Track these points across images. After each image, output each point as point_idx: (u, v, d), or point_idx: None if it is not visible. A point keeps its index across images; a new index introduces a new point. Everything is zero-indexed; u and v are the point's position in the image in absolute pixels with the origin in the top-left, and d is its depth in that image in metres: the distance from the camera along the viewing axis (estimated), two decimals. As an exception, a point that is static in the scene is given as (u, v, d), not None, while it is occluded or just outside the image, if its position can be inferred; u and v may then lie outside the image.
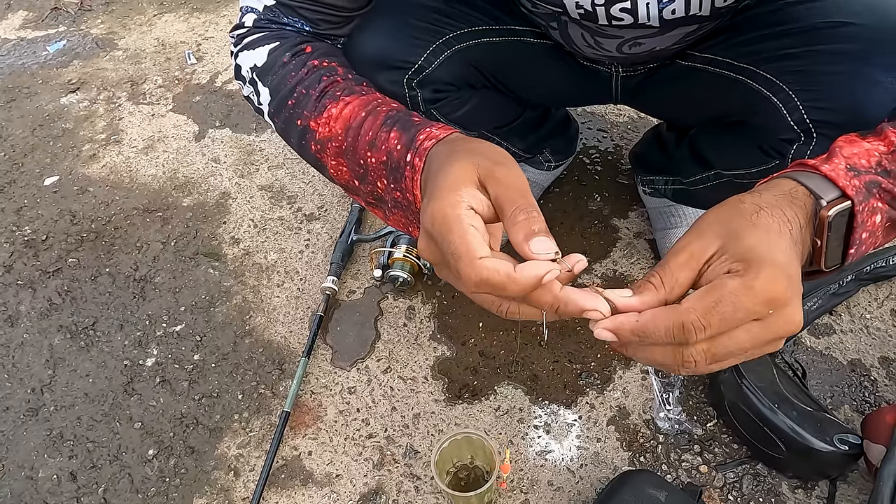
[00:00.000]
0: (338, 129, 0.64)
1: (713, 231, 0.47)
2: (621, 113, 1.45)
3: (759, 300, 0.43)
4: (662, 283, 0.46)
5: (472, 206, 0.48)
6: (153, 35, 1.84)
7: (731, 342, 0.44)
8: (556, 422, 1.01)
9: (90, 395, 1.11)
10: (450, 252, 0.46)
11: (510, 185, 0.48)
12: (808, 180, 0.51)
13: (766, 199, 0.49)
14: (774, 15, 0.79)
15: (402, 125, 0.60)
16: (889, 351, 1.04)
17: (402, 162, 0.58)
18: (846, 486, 0.91)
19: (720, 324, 0.43)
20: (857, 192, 0.50)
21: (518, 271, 0.45)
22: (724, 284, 0.43)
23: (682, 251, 0.47)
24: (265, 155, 1.46)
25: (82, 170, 1.48)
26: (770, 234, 0.46)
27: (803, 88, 0.75)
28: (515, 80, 0.98)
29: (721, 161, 0.95)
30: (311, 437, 1.03)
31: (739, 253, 0.45)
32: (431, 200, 0.49)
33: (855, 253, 0.53)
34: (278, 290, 1.22)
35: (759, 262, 0.44)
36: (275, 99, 0.69)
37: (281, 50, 0.69)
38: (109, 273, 1.27)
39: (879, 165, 0.51)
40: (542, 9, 0.79)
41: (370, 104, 0.63)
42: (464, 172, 0.49)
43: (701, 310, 0.43)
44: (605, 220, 1.26)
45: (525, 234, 0.46)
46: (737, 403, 0.93)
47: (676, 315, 0.43)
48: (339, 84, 0.66)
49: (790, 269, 0.45)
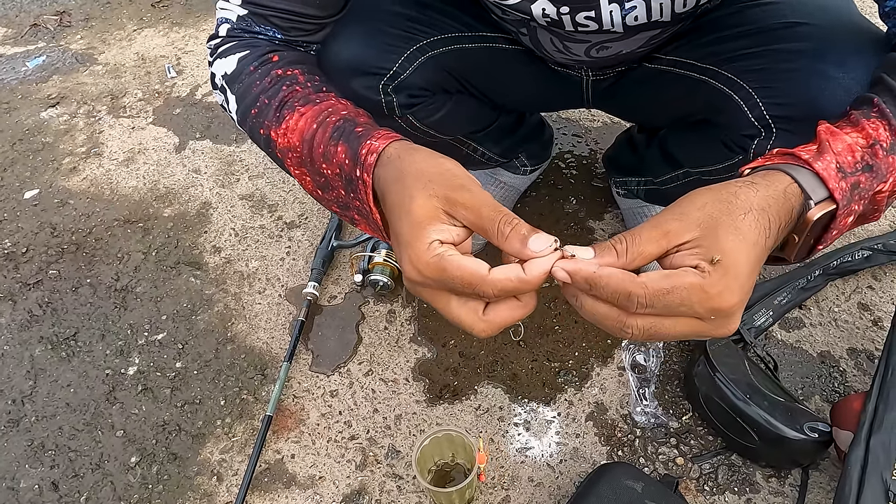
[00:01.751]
0: (295, 140, 0.65)
1: (697, 217, 0.48)
2: (595, 118, 1.48)
3: (707, 305, 0.45)
4: (626, 250, 0.47)
5: (442, 240, 0.50)
6: (133, 49, 1.85)
7: (667, 329, 0.47)
8: (535, 419, 1.03)
9: (72, 404, 1.11)
10: (457, 286, 0.49)
11: (479, 205, 0.50)
12: (801, 178, 0.52)
13: (759, 200, 0.49)
14: (733, 17, 0.83)
15: (346, 138, 0.60)
16: (857, 342, 1.07)
17: (353, 176, 0.59)
18: (818, 474, 0.93)
19: (662, 309, 0.45)
20: (843, 196, 0.52)
21: (528, 272, 0.48)
22: (683, 278, 0.45)
23: (658, 227, 0.48)
24: (246, 165, 1.48)
25: (62, 183, 1.48)
26: (746, 244, 0.47)
27: (762, 86, 0.78)
28: (489, 86, 1.00)
29: (689, 159, 0.98)
30: (293, 441, 1.03)
31: (712, 252, 0.46)
32: (405, 250, 0.51)
33: (822, 248, 0.55)
34: (260, 296, 1.23)
35: (724, 270, 0.45)
36: (240, 107, 0.71)
37: (249, 58, 0.70)
38: (90, 284, 1.27)
39: (863, 160, 0.53)
40: (512, 16, 0.82)
41: (321, 115, 0.64)
42: (425, 211, 0.50)
43: (651, 290, 0.45)
44: (581, 222, 1.29)
45: (520, 241, 0.48)
46: (711, 396, 0.95)
47: (628, 284, 0.45)
48: (297, 94, 0.67)
49: (747, 284, 0.47)
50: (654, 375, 1.04)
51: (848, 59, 0.71)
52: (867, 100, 0.57)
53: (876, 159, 0.53)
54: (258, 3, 0.70)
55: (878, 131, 0.54)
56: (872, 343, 1.07)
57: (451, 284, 0.49)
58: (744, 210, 0.48)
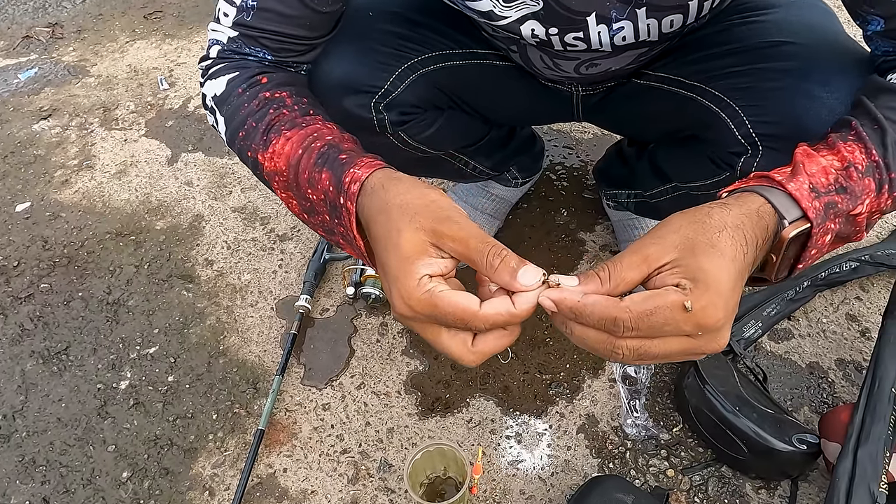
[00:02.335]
0: (281, 165, 0.65)
1: (673, 240, 0.49)
2: (586, 130, 1.49)
3: (691, 322, 0.46)
4: (609, 277, 0.49)
5: (431, 273, 0.51)
6: (125, 61, 1.86)
7: (658, 349, 0.48)
8: (527, 431, 1.03)
9: (63, 419, 1.10)
10: (449, 321, 0.50)
11: (467, 236, 0.51)
12: (774, 198, 0.53)
13: (733, 218, 0.51)
14: (721, 35, 0.84)
15: (330, 165, 0.61)
16: (845, 353, 1.08)
17: (337, 203, 0.60)
18: (807, 485, 0.94)
19: (648, 330, 0.46)
20: (817, 214, 0.53)
21: (517, 306, 0.49)
22: (665, 297, 0.46)
23: (637, 253, 0.49)
24: (238, 177, 1.48)
25: (54, 196, 1.48)
26: (724, 260, 0.48)
27: (749, 104, 0.79)
28: (480, 102, 1.01)
29: (677, 174, 0.99)
30: (285, 455, 1.03)
31: (691, 271, 0.47)
32: (394, 286, 0.51)
33: (802, 267, 0.56)
34: (252, 309, 1.23)
35: (705, 287, 0.46)
36: (229, 129, 0.71)
37: (238, 80, 0.71)
38: (82, 297, 1.27)
39: (836, 182, 0.54)
40: (502, 34, 0.83)
41: (306, 140, 0.64)
42: (413, 245, 0.51)
43: (636, 313, 0.46)
44: (572, 234, 1.30)
45: (509, 274, 0.50)
46: (700, 408, 0.96)
47: (613, 309, 0.47)
48: (284, 117, 0.67)
49: (731, 299, 0.48)
50: (645, 387, 1.05)
51: (832, 79, 0.72)
52: (846, 123, 0.59)
53: (850, 181, 0.54)
54: (248, 24, 0.71)
55: (853, 154, 0.55)
56: (860, 354, 1.08)
57: (443, 319, 0.50)
58: (718, 229, 0.49)
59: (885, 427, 0.83)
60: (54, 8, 2.09)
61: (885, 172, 0.55)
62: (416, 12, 0.90)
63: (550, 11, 0.73)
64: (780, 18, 0.81)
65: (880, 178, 0.55)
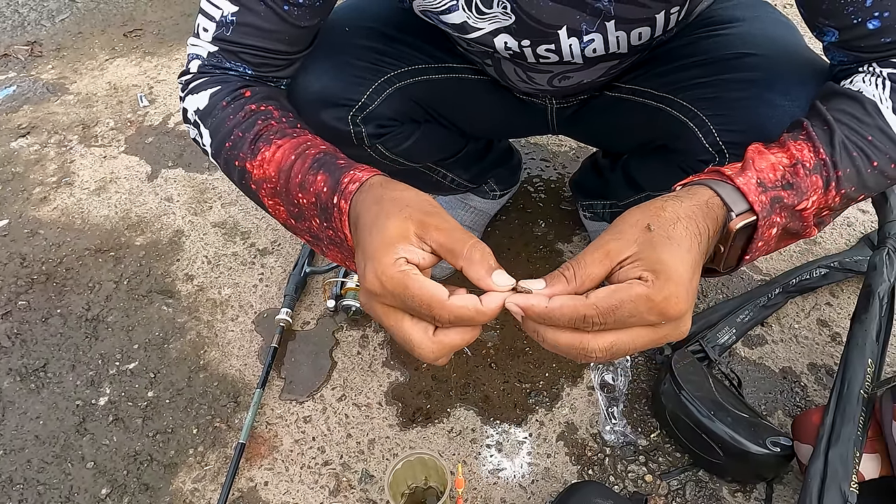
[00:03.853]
0: (271, 171, 0.66)
1: (632, 234, 0.51)
2: (562, 143, 1.51)
3: (655, 312, 0.48)
4: (575, 276, 0.50)
5: (410, 259, 0.52)
6: (105, 79, 1.86)
7: (627, 344, 0.49)
8: (507, 440, 1.04)
9: (41, 437, 1.09)
10: (416, 305, 0.50)
11: (451, 230, 0.52)
12: (723, 191, 0.56)
13: (685, 210, 0.53)
14: (688, 48, 0.87)
15: (327, 168, 0.62)
16: (817, 357, 1.10)
17: (329, 204, 0.61)
18: (782, 487, 0.96)
19: (615, 323, 0.48)
20: (763, 208, 0.55)
21: (485, 304, 0.50)
22: (630, 290, 0.48)
23: (599, 249, 0.51)
24: (218, 193, 1.48)
25: (32, 212, 1.47)
26: (681, 250, 0.50)
27: (715, 113, 0.82)
28: (456, 115, 1.03)
29: (649, 183, 1.01)
30: (266, 468, 1.03)
31: (651, 263, 0.49)
32: (370, 262, 0.52)
33: (749, 258, 0.59)
34: (232, 324, 1.23)
35: (666, 277, 0.48)
36: (214, 140, 0.72)
37: (221, 94, 0.72)
38: (61, 314, 1.27)
39: (783, 178, 0.57)
40: (476, 48, 0.85)
41: (299, 147, 0.66)
42: (398, 229, 0.52)
43: (602, 308, 0.47)
44: (550, 245, 1.31)
45: (486, 270, 0.51)
46: (677, 413, 0.97)
47: (580, 307, 0.48)
48: (272, 127, 0.69)
49: (690, 286, 0.49)
50: (623, 394, 1.07)
51: (793, 89, 0.75)
52: (798, 123, 0.62)
53: (797, 177, 0.57)
54: (228, 39, 0.72)
55: (802, 152, 0.58)
56: (831, 358, 1.10)
57: (409, 303, 0.51)
58: (672, 221, 0.51)
59: (855, 428, 0.85)
60: (33, 26, 2.09)
61: (832, 170, 0.58)
62: (392, 28, 0.91)
63: (522, 25, 0.75)
64: (743, 31, 0.83)
65: (827, 176, 0.58)
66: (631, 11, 0.72)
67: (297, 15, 0.72)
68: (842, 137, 0.59)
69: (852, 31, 0.63)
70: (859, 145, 0.59)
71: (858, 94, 0.62)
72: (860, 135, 0.60)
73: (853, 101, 0.62)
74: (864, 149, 0.59)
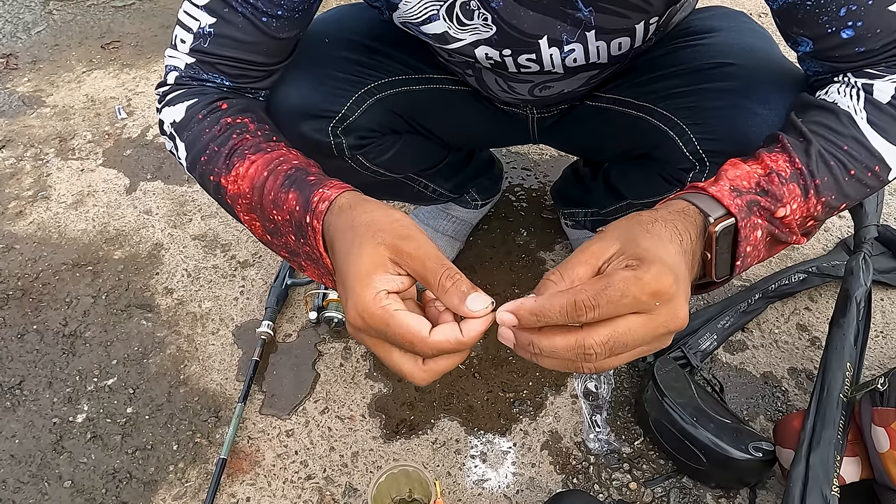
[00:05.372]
0: (245, 187, 0.66)
1: (614, 235, 0.52)
2: (543, 152, 1.52)
3: (646, 291, 0.47)
4: (562, 277, 0.50)
5: (389, 289, 0.52)
6: (82, 91, 1.84)
7: (626, 334, 0.47)
8: (491, 450, 1.04)
9: (16, 456, 1.07)
10: (398, 342, 0.51)
11: (425, 256, 0.52)
12: (697, 200, 0.57)
13: (662, 215, 0.55)
14: (666, 58, 0.88)
15: (297, 185, 0.62)
16: (797, 362, 1.11)
17: (303, 223, 0.60)
18: (765, 493, 0.96)
19: (608, 305, 0.46)
20: (740, 210, 0.56)
21: (465, 334, 0.50)
22: (616, 272, 0.48)
23: (584, 251, 0.52)
24: (198, 205, 1.47)
25: (7, 227, 1.45)
26: (662, 240, 0.52)
27: (694, 122, 0.83)
28: (437, 125, 1.03)
29: (630, 191, 1.02)
30: (248, 483, 1.02)
31: (635, 253, 0.50)
32: (351, 297, 0.52)
33: (741, 265, 0.59)
34: (213, 337, 1.22)
35: (651, 260, 0.48)
36: (190, 154, 0.71)
37: (198, 106, 0.71)
38: (37, 330, 1.24)
39: (758, 185, 0.58)
40: (457, 58, 0.85)
41: (272, 163, 0.65)
42: (373, 259, 0.52)
43: (591, 291, 0.46)
44: (532, 254, 1.32)
45: (459, 298, 0.50)
46: (660, 420, 0.97)
47: (569, 294, 0.47)
48: (247, 142, 0.68)
49: (677, 269, 0.50)
50: (606, 402, 1.07)
51: (770, 97, 0.76)
52: (774, 137, 0.63)
53: (772, 185, 0.58)
54: (206, 51, 0.71)
55: (776, 163, 0.59)
56: (811, 362, 1.11)
57: (392, 339, 0.51)
58: (650, 221, 0.53)
59: (835, 432, 0.85)
60: (8, 39, 2.07)
61: (808, 179, 0.59)
62: (373, 39, 0.92)
63: (503, 35, 0.75)
64: (721, 42, 0.85)
65: (805, 184, 0.59)
66: (611, 22, 0.73)
67: (275, 27, 0.72)
68: (818, 148, 0.60)
69: (826, 40, 0.64)
70: (836, 155, 0.60)
71: (833, 106, 0.63)
72: (836, 145, 0.61)
73: (828, 113, 0.63)
74: (841, 158, 0.61)
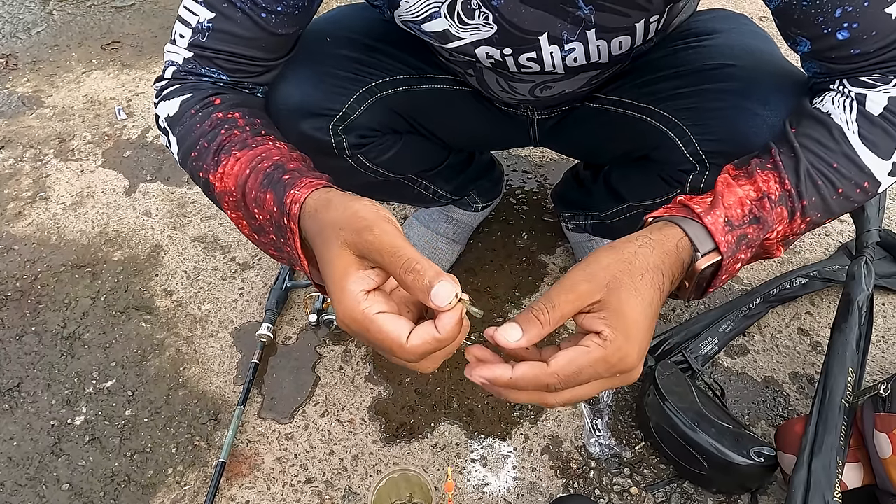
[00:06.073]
0: (230, 185, 0.66)
1: (602, 279, 0.54)
2: (544, 155, 1.52)
3: (610, 370, 0.53)
4: (549, 319, 0.53)
5: (365, 289, 0.52)
6: (82, 92, 1.83)
7: (584, 395, 0.54)
8: (492, 454, 1.03)
9: (14, 458, 1.07)
10: (379, 347, 0.52)
11: (382, 250, 0.51)
12: (691, 230, 0.59)
13: (655, 259, 0.56)
14: (667, 59, 0.87)
15: (273, 185, 0.62)
16: (798, 367, 1.11)
17: (281, 224, 0.61)
18: (766, 498, 0.96)
19: (575, 384, 0.53)
20: (728, 248, 0.58)
21: (441, 330, 0.51)
22: (588, 355, 0.52)
23: (572, 291, 0.54)
24: (198, 207, 1.47)
25: (6, 228, 1.45)
26: (643, 305, 0.54)
27: (695, 123, 0.82)
28: (438, 126, 1.03)
29: (631, 193, 1.01)
30: (247, 487, 1.01)
31: (612, 315, 0.52)
32: (336, 303, 0.53)
33: (713, 290, 0.62)
34: (212, 340, 1.21)
35: (624, 336, 0.52)
36: (181, 149, 0.71)
37: (191, 101, 0.71)
38: (35, 331, 1.24)
39: (751, 213, 0.60)
40: (458, 58, 0.85)
41: (254, 160, 0.65)
42: (342, 261, 0.53)
43: (563, 376, 0.52)
44: (533, 257, 1.31)
45: (422, 291, 0.50)
46: (661, 425, 0.97)
47: (542, 377, 0.52)
48: (235, 138, 0.68)
49: (644, 342, 0.54)
50: (607, 406, 1.06)
51: (771, 98, 0.76)
52: (768, 149, 0.64)
53: (763, 211, 0.60)
54: (204, 45, 0.71)
55: (768, 184, 0.61)
56: (812, 367, 1.11)
57: (375, 345, 0.52)
58: (641, 271, 0.55)
59: (837, 437, 0.85)
60: (8, 39, 2.07)
61: (796, 201, 0.61)
62: (374, 38, 0.91)
63: (504, 33, 0.75)
64: (721, 43, 0.84)
65: (792, 206, 0.61)
66: (611, 20, 0.72)
67: (274, 22, 0.72)
68: (807, 166, 0.61)
69: (823, 41, 0.64)
70: (824, 173, 0.62)
71: (826, 118, 0.64)
72: (826, 162, 0.62)
73: (821, 126, 0.64)
74: (830, 176, 0.62)
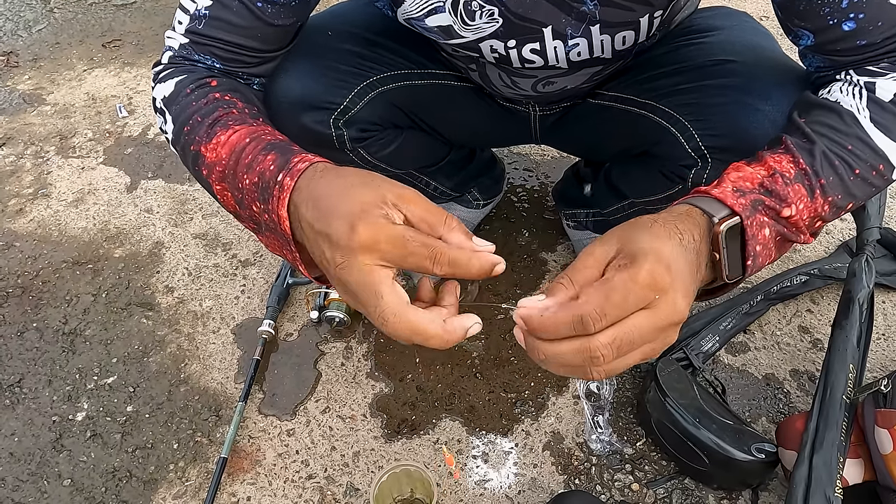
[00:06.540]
0: (223, 153, 0.65)
1: (614, 238, 0.52)
2: (545, 153, 1.52)
3: (643, 286, 0.47)
4: (572, 282, 0.50)
5: (395, 219, 0.51)
6: (83, 89, 1.84)
7: (631, 331, 0.48)
8: (493, 451, 1.03)
9: (16, 454, 1.07)
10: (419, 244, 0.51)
11: (427, 202, 0.53)
12: (700, 202, 0.56)
13: (662, 216, 0.55)
14: (669, 55, 0.87)
15: (280, 150, 0.61)
16: (799, 364, 1.11)
17: (272, 182, 0.58)
18: (767, 494, 0.96)
19: (613, 310, 0.47)
20: (744, 208, 0.55)
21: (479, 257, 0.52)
22: (614, 277, 0.48)
23: (588, 255, 0.52)
24: (199, 204, 1.47)
25: (8, 225, 1.45)
26: (659, 238, 0.51)
27: (696, 119, 0.82)
28: (439, 121, 1.03)
29: (632, 190, 1.02)
30: (249, 483, 1.01)
31: (631, 252, 0.50)
32: (359, 221, 0.50)
33: (753, 264, 0.57)
34: (214, 336, 1.21)
35: (644, 256, 0.48)
36: (176, 125, 0.71)
37: (186, 81, 0.71)
38: (37, 328, 1.24)
39: (762, 186, 0.58)
40: (461, 53, 0.85)
41: (256, 132, 0.64)
42: (374, 195, 0.52)
43: (595, 302, 0.47)
44: (534, 254, 1.31)
45: (465, 233, 0.53)
46: (662, 421, 0.97)
47: (575, 308, 0.47)
48: (233, 115, 0.68)
49: (673, 262, 0.49)
50: (608, 403, 1.06)
51: (772, 93, 0.76)
52: (777, 139, 0.62)
53: (776, 185, 0.57)
54: (200, 32, 0.71)
55: (780, 164, 0.59)
56: (813, 364, 1.11)
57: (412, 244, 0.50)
58: (649, 222, 0.53)
59: (838, 433, 0.85)
60: (9, 37, 2.07)
61: (814, 179, 0.59)
62: (375, 33, 0.91)
63: (509, 25, 0.75)
64: (723, 39, 0.85)
65: (810, 184, 0.58)
66: (616, 15, 0.72)
67: (271, 13, 0.72)
68: (823, 148, 0.59)
69: (827, 33, 0.63)
70: (840, 155, 0.60)
71: (836, 105, 0.63)
72: (840, 145, 0.60)
73: (831, 112, 0.63)
74: (845, 158, 0.60)
